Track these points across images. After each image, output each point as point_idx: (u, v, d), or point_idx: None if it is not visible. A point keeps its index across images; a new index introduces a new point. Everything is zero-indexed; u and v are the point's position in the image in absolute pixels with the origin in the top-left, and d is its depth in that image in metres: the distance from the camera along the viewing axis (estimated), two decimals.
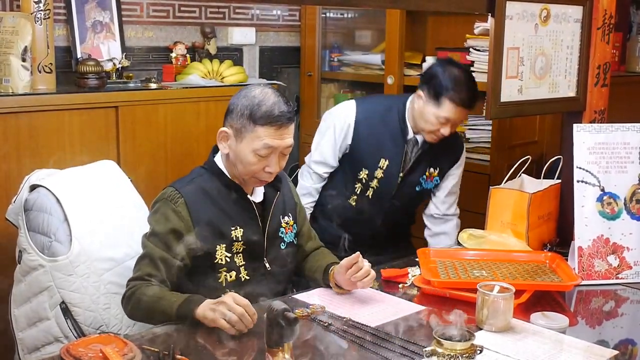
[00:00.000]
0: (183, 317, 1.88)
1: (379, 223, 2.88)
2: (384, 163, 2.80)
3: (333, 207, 2.94)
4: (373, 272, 2.12)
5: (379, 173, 2.82)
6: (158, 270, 2.01)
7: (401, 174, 2.81)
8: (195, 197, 2.09)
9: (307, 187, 2.94)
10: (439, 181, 2.90)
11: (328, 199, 2.96)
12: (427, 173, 2.85)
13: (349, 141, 2.85)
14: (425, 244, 2.99)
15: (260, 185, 2.16)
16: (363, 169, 2.84)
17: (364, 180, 2.85)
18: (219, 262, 2.10)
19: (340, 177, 2.93)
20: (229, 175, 2.15)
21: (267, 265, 2.18)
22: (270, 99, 2.07)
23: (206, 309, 1.85)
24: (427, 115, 2.70)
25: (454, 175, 2.93)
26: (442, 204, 2.96)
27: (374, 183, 2.83)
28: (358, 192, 2.88)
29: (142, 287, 1.97)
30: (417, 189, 2.86)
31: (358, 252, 2.10)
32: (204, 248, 2.07)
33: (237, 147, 2.09)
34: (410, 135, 2.80)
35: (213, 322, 1.84)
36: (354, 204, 2.89)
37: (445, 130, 2.70)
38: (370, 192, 2.85)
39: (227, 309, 1.82)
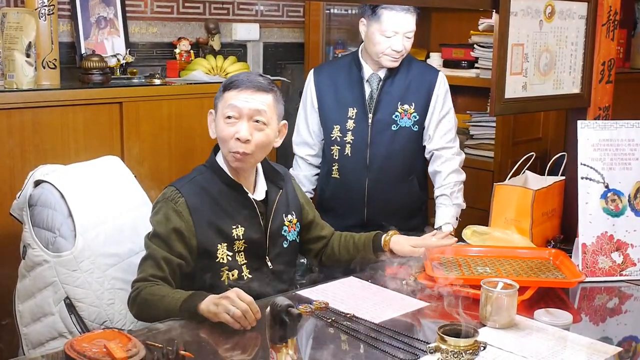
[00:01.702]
0: (187, 313, 1.89)
1: (372, 185, 2.79)
2: (352, 112, 2.79)
3: (323, 193, 2.93)
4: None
5: (350, 124, 2.79)
6: (162, 271, 2.01)
7: (370, 115, 2.78)
8: (195, 196, 2.10)
9: (296, 175, 2.93)
10: (417, 117, 2.79)
11: (319, 193, 2.97)
12: (400, 110, 2.78)
13: (316, 105, 2.88)
14: None
15: (238, 163, 2.11)
16: (334, 127, 2.83)
17: (338, 139, 2.82)
18: (221, 261, 2.10)
19: (322, 164, 2.95)
20: (229, 174, 2.15)
21: (269, 263, 2.18)
22: (246, 73, 2.15)
23: (210, 304, 1.85)
24: (374, 36, 2.71)
25: (437, 107, 2.81)
26: (434, 140, 2.83)
27: (349, 137, 2.80)
28: (337, 157, 2.83)
29: (147, 287, 1.97)
30: (393, 128, 2.78)
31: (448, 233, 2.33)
32: (206, 247, 2.08)
33: (216, 123, 2.14)
34: (369, 73, 2.80)
35: (216, 316, 1.84)
36: (338, 176, 2.85)
37: (397, 45, 2.69)
38: (348, 149, 2.81)
39: (231, 304, 1.82)
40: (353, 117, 2.79)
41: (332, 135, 2.84)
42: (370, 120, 2.78)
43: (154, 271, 2.00)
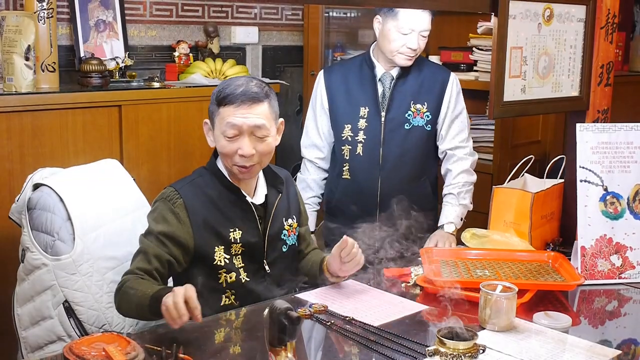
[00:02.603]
0: (155, 311, 1.83)
1: (385, 185, 2.76)
2: (364, 111, 2.77)
3: (333, 196, 2.89)
4: (360, 258, 2.12)
5: (362, 123, 2.77)
6: (149, 264, 1.99)
7: (383, 113, 2.76)
8: (194, 198, 2.09)
9: (304, 179, 2.92)
10: (430, 117, 2.77)
11: (327, 196, 2.93)
12: (412, 109, 2.76)
13: (326, 105, 2.85)
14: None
15: (245, 175, 2.12)
16: (345, 126, 2.80)
17: (349, 139, 2.79)
18: (218, 263, 2.09)
19: (331, 166, 2.92)
20: (229, 177, 2.15)
21: (267, 267, 2.17)
22: (236, 82, 2.09)
23: (164, 301, 1.78)
24: (389, 33, 2.69)
25: (450, 107, 2.80)
26: (447, 140, 2.83)
27: (361, 136, 2.77)
28: (348, 157, 2.81)
29: (130, 280, 1.95)
30: (406, 126, 2.76)
31: (346, 237, 2.10)
32: (202, 249, 2.08)
33: (214, 136, 2.11)
34: (381, 72, 2.79)
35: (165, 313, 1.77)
36: (348, 176, 2.82)
37: (412, 43, 2.68)
38: (359, 149, 2.78)
39: (172, 299, 1.75)
40: (365, 116, 2.77)
41: (342, 135, 2.81)
42: (383, 119, 2.76)
43: (142, 264, 1.99)
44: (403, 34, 2.67)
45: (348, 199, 2.83)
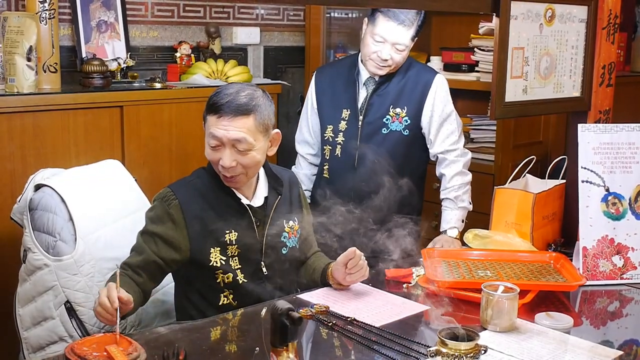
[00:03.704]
0: None
1: (359, 188, 2.74)
2: (346, 113, 2.80)
3: (315, 192, 2.90)
4: (365, 270, 2.12)
5: (342, 125, 2.80)
6: (137, 262, 2.02)
7: (361, 117, 2.77)
8: (190, 199, 2.10)
9: (297, 173, 2.87)
10: (409, 122, 2.76)
11: (312, 191, 2.95)
12: (391, 113, 2.75)
13: (315, 105, 2.89)
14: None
15: (230, 183, 2.11)
16: (327, 127, 2.84)
17: (330, 139, 2.82)
18: (214, 264, 2.10)
19: (318, 166, 2.95)
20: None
21: (264, 269, 2.17)
22: (227, 90, 2.07)
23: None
24: (365, 37, 2.72)
25: (436, 110, 2.77)
26: (437, 144, 2.81)
27: (340, 138, 2.80)
28: (328, 157, 2.84)
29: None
30: (383, 131, 2.76)
31: (354, 248, 2.09)
32: (197, 250, 2.08)
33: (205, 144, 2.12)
34: (366, 76, 2.79)
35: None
36: (327, 176, 2.85)
37: (384, 53, 2.67)
38: (338, 150, 2.80)
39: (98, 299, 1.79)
40: (346, 119, 2.80)
41: (325, 135, 2.85)
42: (360, 123, 2.77)
43: (129, 260, 2.03)
44: (376, 41, 2.68)
45: (326, 197, 2.82)
